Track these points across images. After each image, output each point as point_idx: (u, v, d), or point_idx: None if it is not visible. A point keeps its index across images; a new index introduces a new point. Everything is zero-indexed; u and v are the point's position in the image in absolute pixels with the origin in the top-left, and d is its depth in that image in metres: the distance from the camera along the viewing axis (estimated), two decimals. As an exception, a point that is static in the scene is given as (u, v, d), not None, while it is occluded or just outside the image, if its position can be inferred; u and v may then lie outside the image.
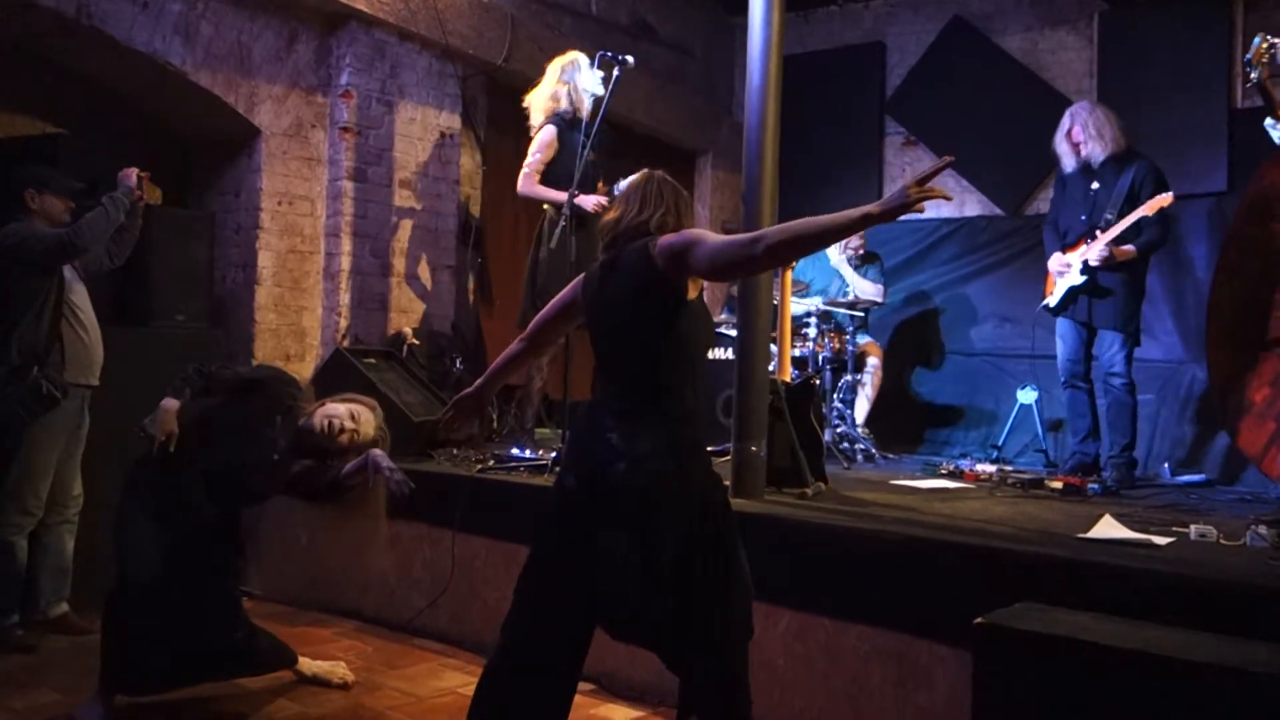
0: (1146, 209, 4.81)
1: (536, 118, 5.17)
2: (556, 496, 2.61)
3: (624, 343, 2.61)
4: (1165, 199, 4.82)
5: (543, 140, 5.11)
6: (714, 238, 2.49)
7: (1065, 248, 5.08)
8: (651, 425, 2.52)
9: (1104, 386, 5.07)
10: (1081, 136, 5.05)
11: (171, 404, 3.40)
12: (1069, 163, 5.15)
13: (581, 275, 2.80)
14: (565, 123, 5.09)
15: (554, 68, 5.14)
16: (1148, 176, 4.92)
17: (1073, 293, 5.00)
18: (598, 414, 2.61)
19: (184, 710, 3.43)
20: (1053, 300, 5.09)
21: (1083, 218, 5.03)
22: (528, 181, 5.11)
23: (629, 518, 2.47)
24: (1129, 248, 4.87)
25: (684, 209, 2.69)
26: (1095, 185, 5.03)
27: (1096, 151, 5.01)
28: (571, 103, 5.09)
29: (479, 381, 3.03)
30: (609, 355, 2.67)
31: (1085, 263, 4.91)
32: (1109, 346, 4.99)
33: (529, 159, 5.12)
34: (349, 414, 3.45)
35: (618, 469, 2.47)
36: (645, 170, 2.77)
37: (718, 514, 2.56)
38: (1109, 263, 4.86)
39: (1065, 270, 5.02)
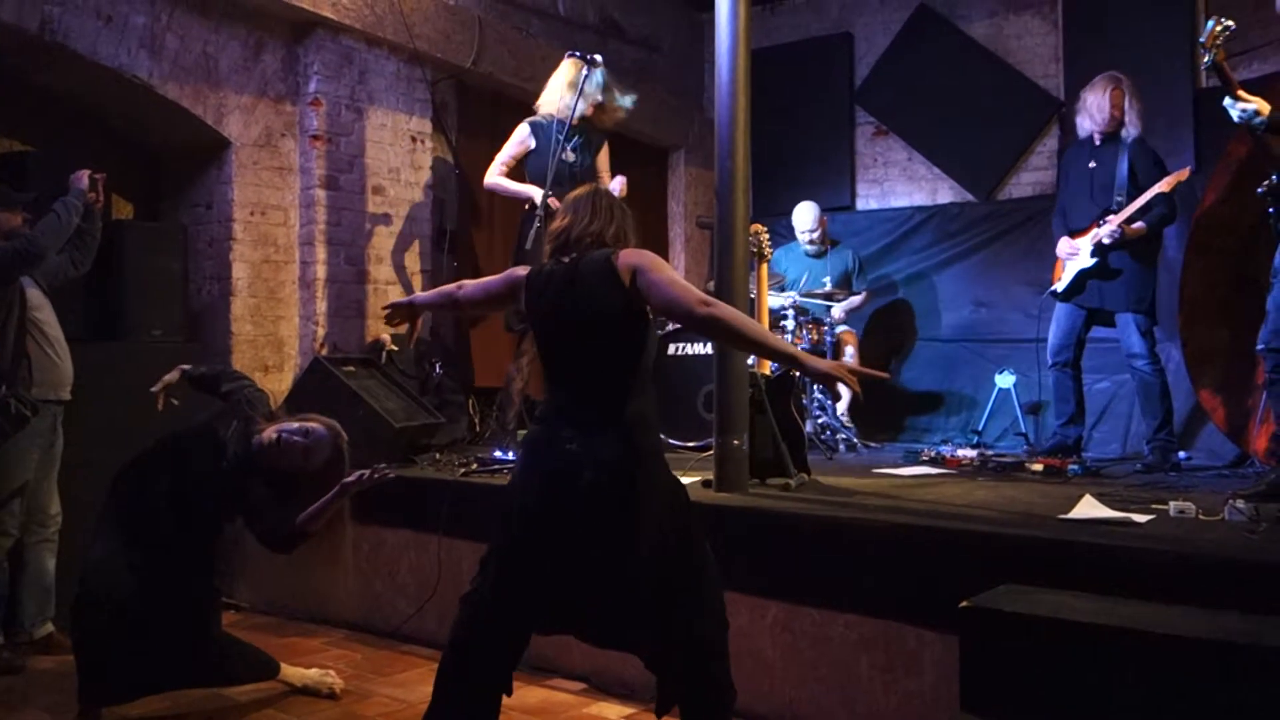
0: (1164, 185, 4.77)
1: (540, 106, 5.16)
2: (517, 514, 2.62)
3: (588, 352, 2.64)
4: (1183, 174, 4.79)
5: (515, 137, 5.12)
6: (671, 272, 2.61)
7: (1073, 233, 5.05)
8: (611, 432, 2.56)
9: (1129, 371, 5.05)
10: (1127, 106, 4.93)
11: (182, 367, 3.92)
12: (1091, 126, 5.01)
13: (519, 271, 2.83)
14: (545, 123, 5.08)
15: (567, 71, 5.04)
16: (1143, 154, 4.91)
17: (1082, 276, 4.97)
18: (553, 424, 2.63)
19: (172, 725, 3.42)
20: (1060, 285, 5.07)
21: (1085, 199, 5.00)
22: (491, 173, 5.14)
23: (601, 527, 2.51)
24: (1139, 224, 4.84)
25: (631, 225, 2.79)
26: (1092, 164, 5.01)
27: (1131, 130, 4.93)
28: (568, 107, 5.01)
29: (413, 296, 3.19)
30: (567, 363, 2.69)
31: (1096, 244, 4.87)
32: (1125, 329, 4.95)
33: (501, 153, 5.15)
34: (302, 430, 3.45)
35: (584, 479, 2.51)
36: (591, 184, 2.85)
37: (682, 513, 2.62)
38: (1121, 240, 4.82)
39: (1074, 254, 4.98)
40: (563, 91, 5.00)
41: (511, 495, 2.67)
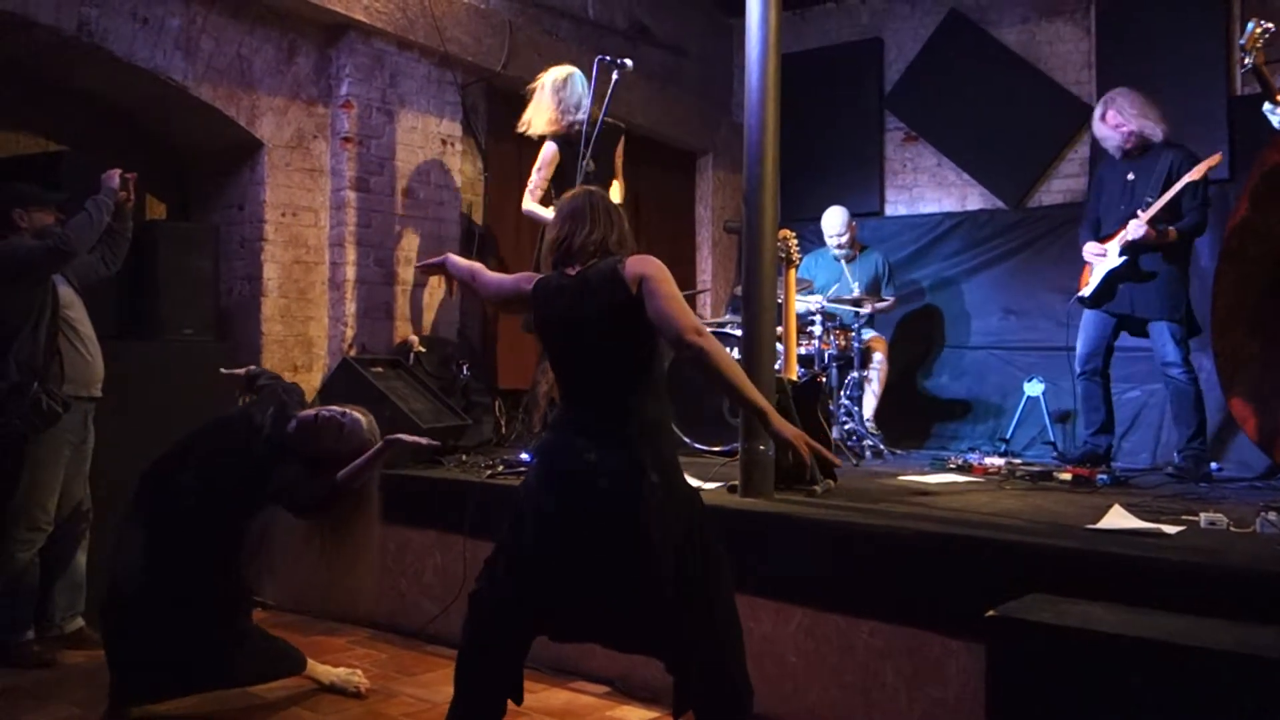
0: (1194, 174, 4.71)
1: (539, 129, 5.17)
2: (532, 518, 2.63)
3: (600, 363, 2.64)
4: (1214, 159, 4.73)
5: (544, 158, 5.15)
6: (674, 288, 2.58)
7: (1102, 238, 5.01)
8: (626, 440, 2.57)
9: (1164, 380, 5.00)
10: (1125, 118, 4.93)
11: (250, 367, 4.03)
12: (1114, 143, 5.03)
13: (531, 276, 2.83)
14: (564, 139, 5.10)
15: (551, 86, 5.08)
16: (1185, 162, 4.85)
17: (1111, 280, 4.92)
18: (569, 432, 2.64)
19: (199, 721, 3.45)
20: (1087, 290, 5.02)
21: (1121, 207, 4.96)
22: (528, 200, 5.17)
23: (623, 534, 2.51)
24: (1171, 230, 4.79)
25: (627, 230, 2.79)
26: (1131, 175, 4.96)
27: (1156, 131, 4.89)
28: (570, 122, 5.06)
29: (445, 257, 3.16)
30: (580, 373, 2.69)
31: (1124, 244, 4.83)
32: (1160, 338, 4.90)
33: (532, 177, 5.17)
34: (341, 410, 3.49)
35: (600, 487, 2.52)
36: (583, 188, 2.84)
37: (697, 516, 2.62)
38: (1147, 241, 4.77)
39: (1102, 255, 4.94)
40: (552, 105, 5.06)
41: (525, 500, 2.67)
